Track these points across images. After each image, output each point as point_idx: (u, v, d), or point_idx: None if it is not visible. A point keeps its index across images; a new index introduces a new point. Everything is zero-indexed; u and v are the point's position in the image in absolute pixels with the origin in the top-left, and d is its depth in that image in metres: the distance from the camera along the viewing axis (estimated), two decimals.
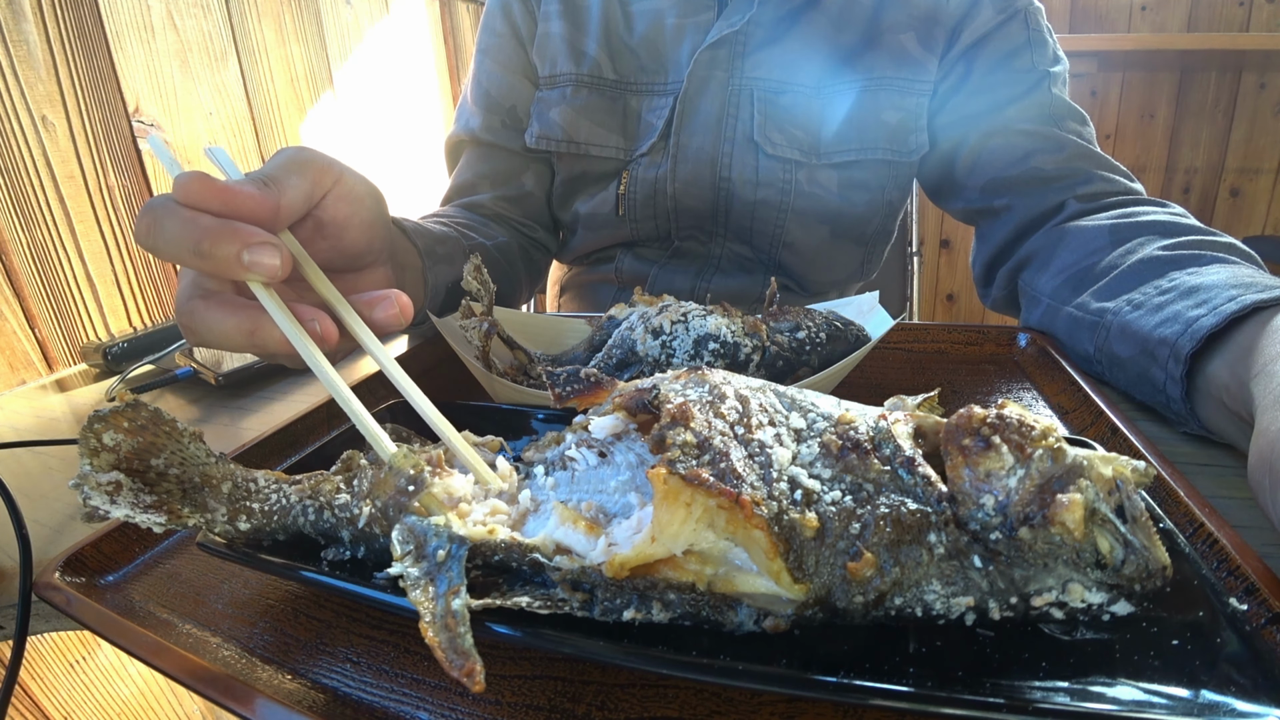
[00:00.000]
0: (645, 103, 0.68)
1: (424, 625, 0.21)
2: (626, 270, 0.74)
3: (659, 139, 0.66)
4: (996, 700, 0.19)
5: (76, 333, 0.77)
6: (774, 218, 0.67)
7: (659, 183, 0.67)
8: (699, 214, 0.69)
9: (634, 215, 0.69)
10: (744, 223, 0.69)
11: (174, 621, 0.30)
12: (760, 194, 0.66)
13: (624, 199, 0.69)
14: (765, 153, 0.65)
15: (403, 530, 0.24)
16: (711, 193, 0.67)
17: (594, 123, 0.68)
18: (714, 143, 0.65)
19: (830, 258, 0.72)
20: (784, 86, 0.64)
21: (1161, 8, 1.68)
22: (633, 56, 0.67)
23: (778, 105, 0.64)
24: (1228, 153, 1.77)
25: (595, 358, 0.47)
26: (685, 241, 0.71)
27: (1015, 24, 0.62)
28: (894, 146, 0.65)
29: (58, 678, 0.68)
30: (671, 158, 0.66)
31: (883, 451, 0.24)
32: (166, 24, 0.87)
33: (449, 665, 0.20)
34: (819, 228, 0.69)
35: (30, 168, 0.73)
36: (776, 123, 0.64)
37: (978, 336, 0.55)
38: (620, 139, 0.68)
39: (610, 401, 0.29)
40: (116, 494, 0.27)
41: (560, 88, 0.69)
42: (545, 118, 0.69)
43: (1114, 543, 0.21)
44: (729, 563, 0.23)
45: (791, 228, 0.68)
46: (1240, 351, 0.35)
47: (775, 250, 0.70)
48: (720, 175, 0.66)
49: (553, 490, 0.28)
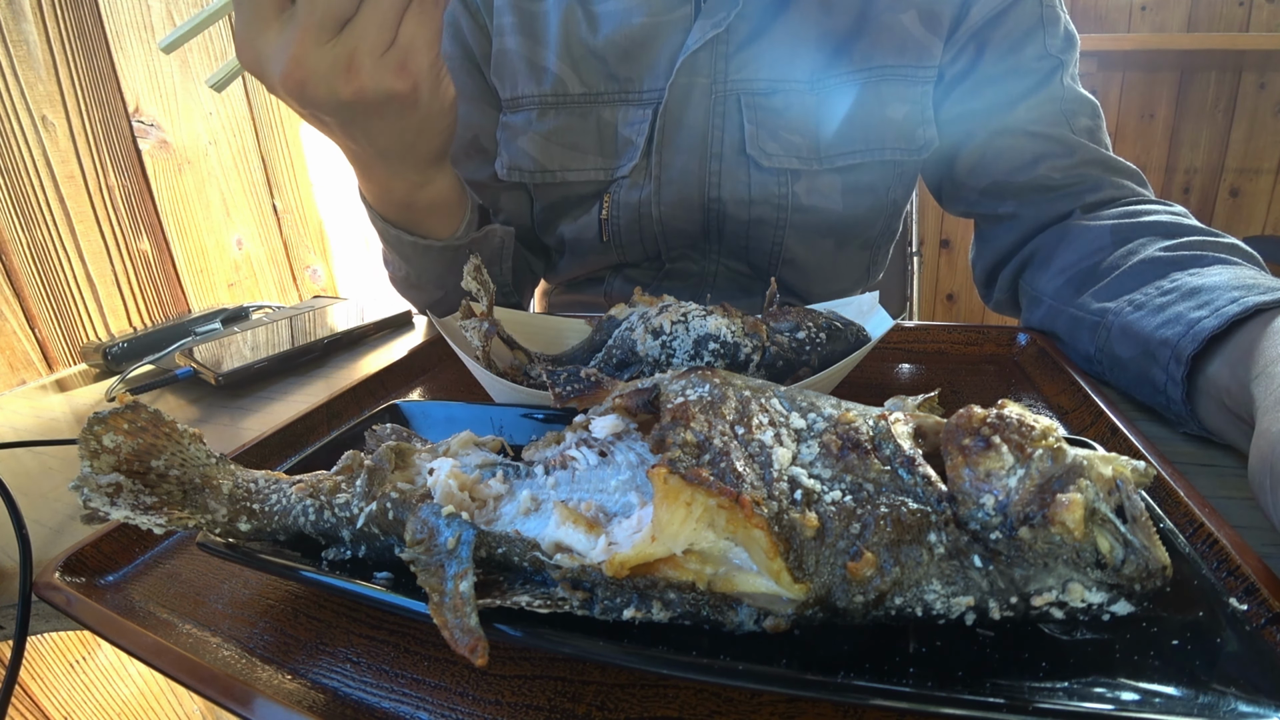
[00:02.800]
0: (621, 114, 0.61)
1: (433, 607, 0.22)
2: (616, 293, 0.70)
3: (640, 159, 0.61)
4: (996, 700, 0.19)
5: (76, 333, 0.77)
6: (771, 235, 0.63)
7: (643, 206, 0.62)
8: (689, 235, 0.64)
9: (619, 241, 0.65)
10: (739, 243, 0.64)
11: (174, 621, 0.30)
12: (754, 212, 0.61)
13: (607, 224, 0.64)
14: (759, 165, 0.59)
15: (416, 521, 0.26)
16: (700, 214, 0.62)
17: (566, 146, 0.62)
18: (700, 161, 0.60)
19: (834, 269, 0.68)
20: (775, 86, 0.59)
21: (1161, 8, 1.68)
22: (599, 63, 0.60)
23: (770, 109, 0.59)
24: (1228, 153, 1.77)
25: (595, 358, 0.47)
26: (677, 263, 0.67)
27: (1029, 1, 0.56)
28: (902, 144, 0.60)
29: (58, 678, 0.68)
30: (654, 179, 0.61)
31: (883, 451, 0.24)
32: (166, 24, 0.87)
33: (455, 643, 0.21)
34: (822, 241, 0.64)
35: (30, 168, 0.73)
36: (770, 130, 0.59)
37: (978, 336, 0.55)
38: (598, 158, 0.62)
39: (610, 401, 0.29)
40: (116, 496, 0.27)
41: (524, 111, 0.63)
42: (513, 147, 0.64)
43: (1114, 543, 0.21)
44: (729, 562, 0.23)
45: (791, 244, 0.63)
46: (1241, 353, 0.35)
47: (774, 267, 0.65)
48: (709, 196, 0.61)
49: (553, 489, 0.29)
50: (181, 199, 0.90)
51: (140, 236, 0.84)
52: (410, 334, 0.72)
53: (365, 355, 0.66)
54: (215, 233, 0.95)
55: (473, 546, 0.24)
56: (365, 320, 0.72)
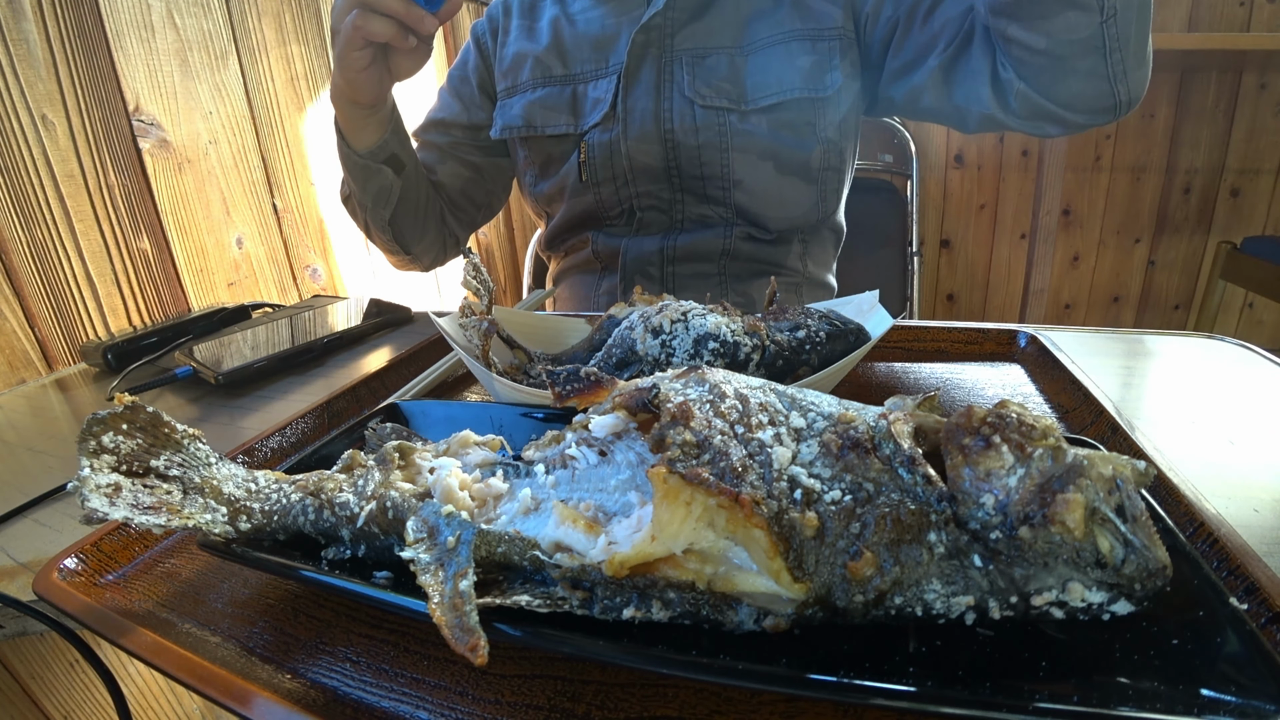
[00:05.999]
0: (591, 85, 0.79)
1: (432, 606, 0.22)
2: (602, 247, 0.84)
3: (609, 109, 0.77)
4: (996, 700, 0.19)
5: (76, 332, 0.77)
6: (719, 160, 0.77)
7: (614, 144, 0.78)
8: (653, 171, 0.78)
9: (595, 178, 0.80)
10: (694, 170, 0.78)
11: (174, 621, 0.30)
12: (702, 138, 0.76)
13: (585, 165, 0.80)
14: (699, 105, 0.75)
15: (417, 520, 0.26)
16: (660, 146, 0.77)
17: (546, 108, 0.80)
18: (655, 102, 0.76)
19: (781, 194, 0.80)
20: (708, 51, 0.76)
21: (1161, 8, 1.68)
22: (577, 51, 0.80)
23: (704, 67, 0.76)
24: (1228, 153, 1.77)
25: (595, 357, 0.47)
26: (647, 212, 0.81)
27: None
28: (809, 85, 0.75)
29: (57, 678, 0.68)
30: (621, 121, 0.77)
31: (883, 451, 0.24)
32: (166, 23, 0.87)
33: (454, 642, 0.21)
34: (762, 164, 0.78)
35: (30, 167, 0.72)
36: (704, 79, 0.75)
37: (978, 336, 0.55)
38: (570, 117, 0.80)
39: (610, 400, 0.29)
40: (115, 496, 0.27)
41: (521, 93, 0.82)
42: (508, 113, 0.83)
43: (1114, 542, 0.21)
44: (729, 562, 0.23)
45: (736, 167, 0.77)
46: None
47: (728, 192, 0.78)
48: (664, 129, 0.76)
49: (553, 489, 0.29)
50: (181, 198, 0.89)
51: (140, 236, 0.84)
52: (410, 334, 0.72)
53: (365, 355, 0.66)
54: (215, 232, 0.95)
55: (472, 546, 0.24)
56: (365, 320, 0.72)
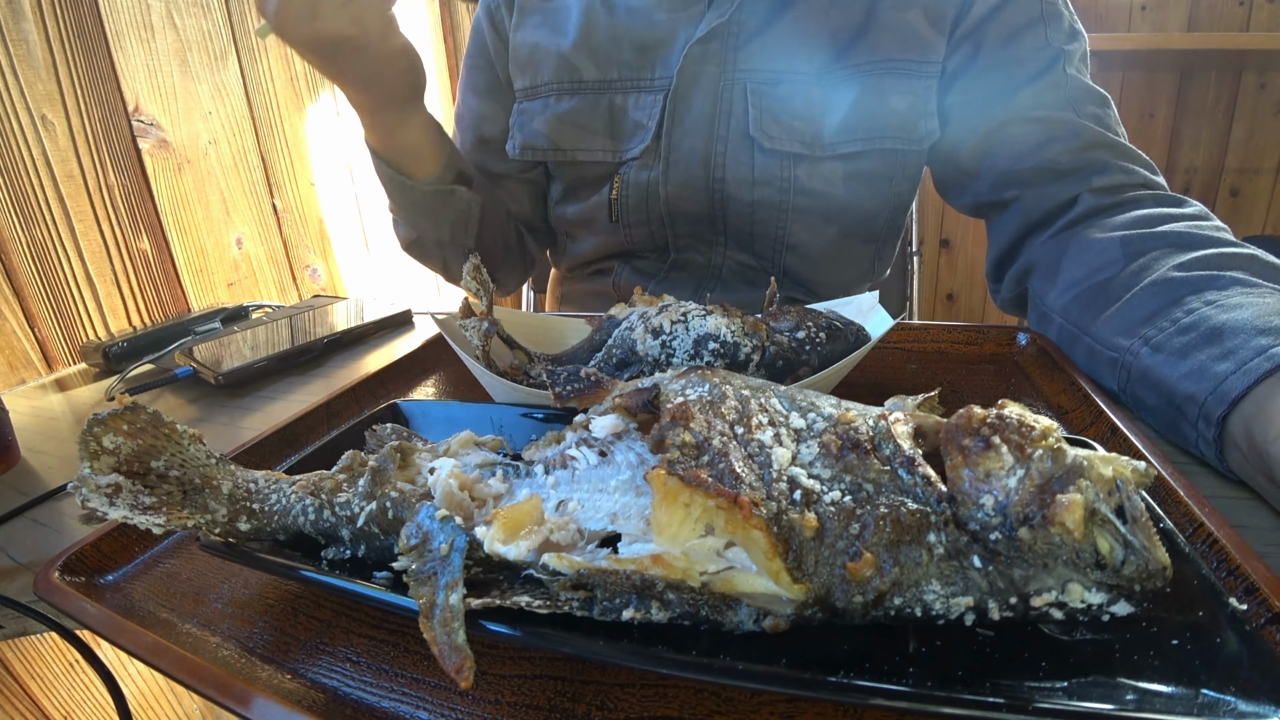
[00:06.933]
0: (632, 100, 0.65)
1: (423, 621, 0.22)
2: (625, 283, 0.72)
3: (651, 141, 0.64)
4: (996, 700, 0.19)
5: (76, 332, 0.77)
6: (775, 219, 0.64)
7: (650, 185, 0.65)
8: (694, 218, 0.66)
9: (627, 220, 0.68)
10: (743, 227, 0.66)
11: (174, 621, 0.30)
12: (758, 194, 0.63)
13: (616, 204, 0.67)
14: (762, 148, 0.61)
15: (411, 526, 0.26)
16: (705, 196, 0.64)
17: (578, 127, 0.66)
18: (706, 142, 0.62)
19: (838, 259, 0.68)
20: (780, 76, 0.61)
21: (1161, 8, 1.68)
22: (616, 52, 0.65)
23: (774, 97, 0.61)
24: (1228, 153, 1.77)
25: (595, 358, 0.47)
26: (684, 253, 0.69)
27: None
28: (903, 134, 0.61)
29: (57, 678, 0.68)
30: (663, 160, 0.64)
31: (883, 451, 0.24)
32: (166, 23, 0.87)
33: (443, 660, 0.21)
34: (825, 228, 0.66)
35: (30, 167, 0.73)
36: (773, 115, 0.61)
37: (978, 336, 0.55)
38: (607, 140, 0.66)
39: (610, 401, 0.29)
40: (115, 496, 0.27)
41: (542, 98, 0.68)
42: (528, 128, 0.69)
43: (1114, 543, 0.21)
44: (728, 562, 0.23)
45: (795, 229, 0.65)
46: (1256, 409, 0.33)
47: (779, 255, 0.67)
48: (714, 177, 0.63)
49: (553, 489, 0.28)
50: (181, 198, 0.90)
51: (140, 236, 0.84)
52: (410, 334, 0.72)
53: (365, 355, 0.66)
54: (215, 232, 0.95)
55: (464, 553, 0.24)
56: (365, 320, 0.72)
